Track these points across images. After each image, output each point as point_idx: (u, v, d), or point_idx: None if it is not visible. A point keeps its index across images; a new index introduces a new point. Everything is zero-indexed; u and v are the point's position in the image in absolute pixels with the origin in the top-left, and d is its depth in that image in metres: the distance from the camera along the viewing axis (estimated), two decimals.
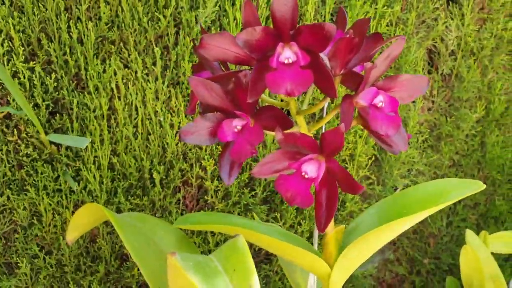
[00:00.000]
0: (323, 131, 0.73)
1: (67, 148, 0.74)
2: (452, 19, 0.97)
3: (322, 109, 0.84)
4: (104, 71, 0.74)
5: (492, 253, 0.89)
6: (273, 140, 0.83)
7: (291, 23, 0.44)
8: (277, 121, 0.47)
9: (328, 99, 0.51)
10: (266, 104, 0.54)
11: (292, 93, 0.44)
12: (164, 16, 0.74)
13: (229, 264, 0.41)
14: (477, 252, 0.85)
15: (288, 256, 0.57)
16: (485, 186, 0.55)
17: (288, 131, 0.47)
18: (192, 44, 0.75)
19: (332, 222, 0.54)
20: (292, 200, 0.46)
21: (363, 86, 0.48)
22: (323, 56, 0.48)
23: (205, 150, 0.80)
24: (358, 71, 0.52)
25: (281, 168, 0.48)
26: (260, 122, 0.47)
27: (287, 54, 0.44)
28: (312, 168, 0.46)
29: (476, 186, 0.56)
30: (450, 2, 0.98)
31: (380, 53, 0.50)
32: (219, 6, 0.77)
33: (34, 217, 0.76)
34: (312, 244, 0.90)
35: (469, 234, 0.89)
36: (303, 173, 0.46)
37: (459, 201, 1.08)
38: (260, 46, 0.44)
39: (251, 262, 0.40)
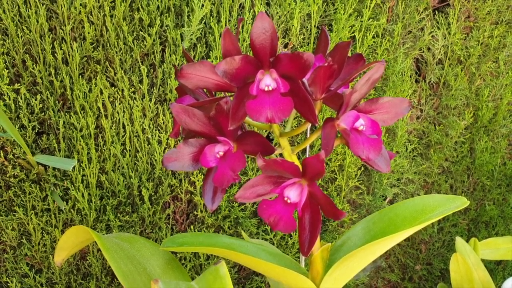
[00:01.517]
0: (307, 152, 0.73)
1: (54, 167, 0.74)
2: (438, 28, 0.98)
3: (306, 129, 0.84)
4: (90, 90, 0.74)
5: (483, 259, 0.90)
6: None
7: (270, 50, 0.44)
8: (259, 146, 0.47)
9: None
10: (249, 126, 0.54)
11: (273, 120, 0.44)
12: (150, 35, 0.74)
13: None
14: (467, 260, 0.85)
15: (275, 276, 0.58)
16: (468, 202, 0.56)
17: (271, 156, 0.47)
18: (179, 64, 0.75)
19: (318, 241, 0.54)
20: (275, 225, 0.46)
21: (343, 110, 0.48)
22: (304, 80, 0.48)
23: None
24: (341, 90, 0.52)
25: (264, 192, 0.48)
26: (243, 148, 0.47)
27: (267, 81, 0.44)
28: (294, 193, 0.46)
29: (460, 202, 0.57)
30: (436, 12, 0.99)
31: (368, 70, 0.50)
32: (205, 23, 0.77)
33: (23, 237, 0.76)
34: (299, 258, 0.90)
35: (459, 241, 0.89)
36: (285, 198, 0.46)
37: None
38: (240, 74, 0.44)
39: None
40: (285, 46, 0.83)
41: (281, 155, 0.51)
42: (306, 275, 0.56)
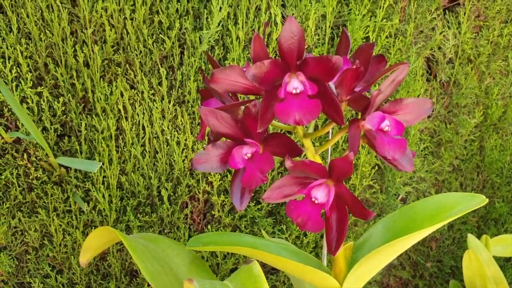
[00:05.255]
0: (329, 152, 0.74)
1: (76, 169, 0.75)
2: (449, 28, 0.99)
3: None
4: (111, 92, 0.75)
5: (494, 255, 0.91)
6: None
7: (298, 54, 0.45)
8: (286, 148, 0.48)
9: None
10: (274, 128, 0.55)
11: (301, 122, 0.45)
12: (169, 37, 0.75)
13: None
14: (479, 256, 0.86)
15: (298, 274, 0.59)
16: (487, 200, 0.57)
17: (298, 158, 0.48)
18: (198, 66, 0.76)
19: None
20: (303, 225, 0.47)
21: (369, 111, 0.49)
22: (330, 82, 0.49)
23: None
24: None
25: (291, 193, 0.49)
26: (270, 149, 0.48)
27: (295, 84, 0.45)
28: (321, 194, 0.47)
29: (479, 200, 0.57)
30: (447, 11, 1.00)
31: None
32: (222, 26, 0.78)
33: (45, 238, 0.77)
34: (321, 256, 0.91)
35: (471, 238, 0.90)
36: (313, 199, 0.47)
37: None
38: (268, 78, 0.45)
39: None
40: None
41: (303, 155, 0.52)
42: (328, 273, 0.57)
